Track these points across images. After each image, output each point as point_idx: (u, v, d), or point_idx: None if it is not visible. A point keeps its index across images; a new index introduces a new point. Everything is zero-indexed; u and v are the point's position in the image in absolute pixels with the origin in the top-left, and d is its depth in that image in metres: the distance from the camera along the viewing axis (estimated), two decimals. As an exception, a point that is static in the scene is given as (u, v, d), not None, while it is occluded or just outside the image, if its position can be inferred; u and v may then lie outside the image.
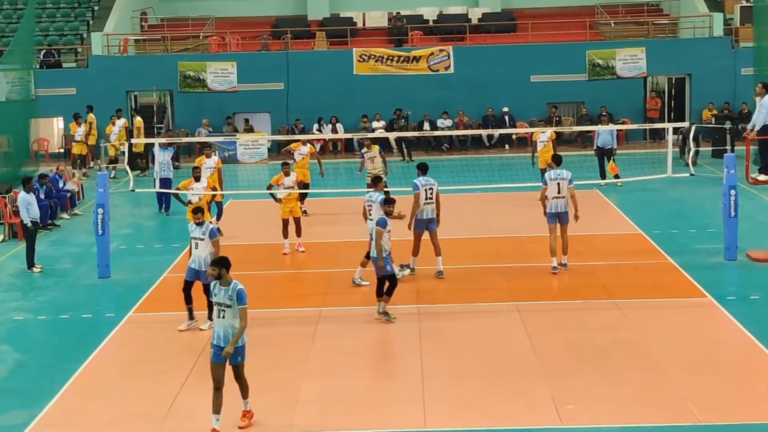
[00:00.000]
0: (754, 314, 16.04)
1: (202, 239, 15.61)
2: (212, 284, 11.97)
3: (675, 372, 13.51)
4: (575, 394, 12.80)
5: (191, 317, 15.90)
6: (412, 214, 18.18)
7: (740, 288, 17.78)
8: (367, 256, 17.44)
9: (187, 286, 15.79)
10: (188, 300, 15.83)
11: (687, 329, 15.51)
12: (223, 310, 11.82)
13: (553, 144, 25.59)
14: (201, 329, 15.63)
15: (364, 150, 24.17)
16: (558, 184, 18.65)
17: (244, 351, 11.99)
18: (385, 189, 20.04)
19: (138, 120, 33.45)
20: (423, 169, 18.80)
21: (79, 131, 31.92)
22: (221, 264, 11.91)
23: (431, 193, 18.36)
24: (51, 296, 18.50)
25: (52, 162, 31.58)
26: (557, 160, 19.24)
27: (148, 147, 30.11)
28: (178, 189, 20.38)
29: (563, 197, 18.69)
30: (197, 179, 20.08)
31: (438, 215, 18.37)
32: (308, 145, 24.62)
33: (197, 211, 15.92)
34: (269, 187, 20.92)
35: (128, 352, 15.26)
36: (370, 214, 17.85)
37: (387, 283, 16.00)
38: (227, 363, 11.86)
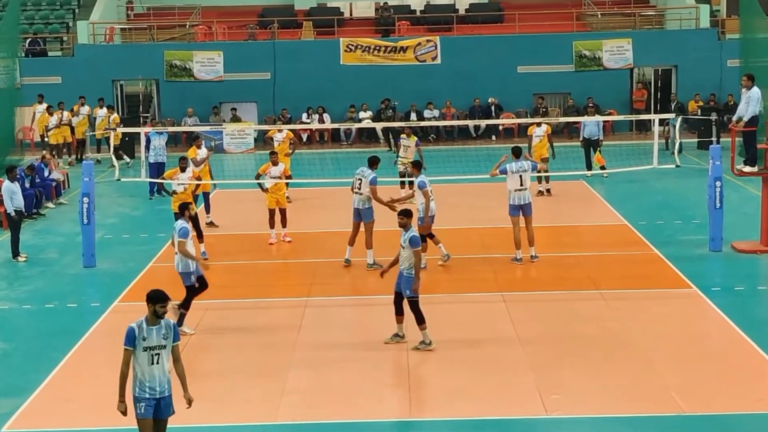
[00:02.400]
0: (739, 305, 16.11)
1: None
2: (137, 328, 9.96)
3: (660, 362, 13.56)
4: (561, 385, 12.83)
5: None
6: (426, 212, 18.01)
7: (725, 279, 17.85)
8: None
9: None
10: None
11: (672, 320, 15.57)
12: (158, 354, 9.89)
13: (549, 139, 25.36)
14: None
15: (402, 136, 24.46)
16: (520, 176, 18.64)
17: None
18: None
19: (116, 117, 33.24)
20: (417, 166, 18.74)
21: (53, 120, 31.60)
22: (150, 300, 10.06)
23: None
24: (36, 285, 18.44)
25: (38, 151, 31.43)
26: (517, 153, 19.09)
27: (125, 141, 30.26)
28: (163, 179, 20.31)
29: (525, 189, 18.70)
30: (183, 169, 20.02)
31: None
32: (285, 131, 24.68)
33: (183, 207, 15.69)
34: (257, 177, 20.90)
35: (113, 341, 15.07)
36: (358, 189, 18.25)
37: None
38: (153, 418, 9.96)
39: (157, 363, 9.91)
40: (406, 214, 14.56)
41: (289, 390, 12.91)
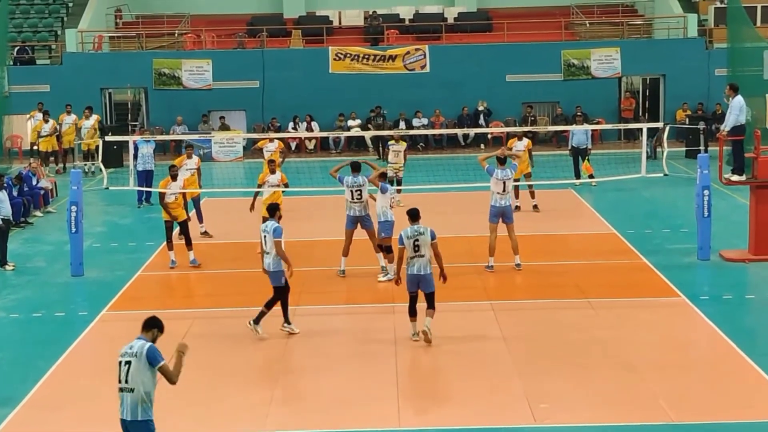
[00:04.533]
0: (727, 314, 16.15)
1: None
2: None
3: (648, 371, 13.58)
4: (549, 393, 12.84)
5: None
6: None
7: (713, 288, 17.89)
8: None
9: None
10: None
11: (660, 328, 15.59)
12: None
13: (529, 154, 24.58)
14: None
15: (392, 142, 24.37)
16: (504, 183, 18.74)
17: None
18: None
19: (97, 117, 33.24)
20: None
21: (46, 128, 31.67)
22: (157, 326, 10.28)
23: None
24: (24, 294, 18.38)
25: (26, 160, 31.34)
26: (502, 161, 19.20)
27: (113, 149, 30.32)
28: (158, 189, 20.20)
29: (507, 194, 18.83)
30: (174, 178, 19.96)
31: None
32: (276, 141, 24.60)
33: (273, 209, 15.67)
34: (258, 187, 20.85)
35: (101, 350, 15.15)
36: (353, 198, 18.38)
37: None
38: None
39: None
40: (408, 213, 15.08)
41: (278, 398, 12.90)
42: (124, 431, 9.88)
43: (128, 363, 9.78)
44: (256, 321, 15.30)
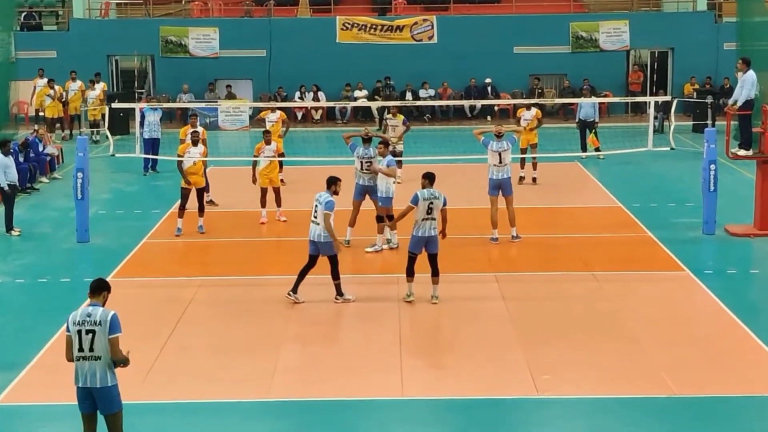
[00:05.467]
0: (731, 288, 16.17)
1: None
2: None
3: (651, 344, 13.61)
4: (552, 365, 12.88)
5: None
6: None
7: (718, 262, 17.89)
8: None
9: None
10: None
11: (664, 302, 15.61)
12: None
13: (539, 123, 24.39)
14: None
15: (388, 116, 24.21)
16: (499, 154, 18.73)
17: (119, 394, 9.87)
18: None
19: (103, 85, 33.20)
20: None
21: (51, 94, 31.68)
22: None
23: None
24: (29, 260, 18.44)
25: (32, 126, 31.33)
26: (499, 135, 19.08)
27: (120, 116, 30.25)
28: (178, 155, 20.13)
29: (505, 165, 18.82)
30: (195, 143, 19.91)
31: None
32: (278, 112, 24.47)
33: (331, 181, 15.68)
34: (255, 158, 20.84)
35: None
36: (362, 169, 18.44)
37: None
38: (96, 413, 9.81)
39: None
40: (425, 176, 15.47)
41: (282, 367, 12.94)
42: (86, 399, 9.70)
43: (91, 332, 9.60)
44: (339, 293, 15.47)
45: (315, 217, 15.40)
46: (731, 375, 12.63)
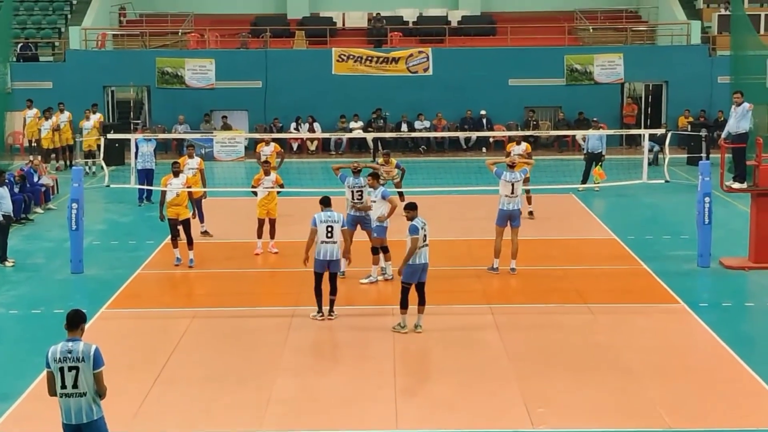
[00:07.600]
0: (726, 321, 16.15)
1: None
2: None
3: (646, 377, 13.58)
4: (547, 398, 12.84)
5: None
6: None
7: (713, 295, 17.88)
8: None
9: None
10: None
11: (659, 335, 15.58)
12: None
13: (528, 158, 23.89)
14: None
15: (381, 162, 23.73)
16: (512, 185, 18.82)
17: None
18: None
19: (100, 116, 33.26)
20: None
21: (46, 125, 31.67)
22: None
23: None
24: (23, 291, 18.39)
25: (27, 156, 31.36)
26: (511, 165, 19.47)
27: (115, 147, 30.23)
28: (160, 187, 20.17)
29: (516, 197, 18.92)
30: (176, 175, 19.95)
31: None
32: (272, 144, 24.60)
33: None
34: (253, 188, 20.87)
35: (100, 347, 15.13)
36: (353, 199, 18.53)
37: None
38: None
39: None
40: (411, 207, 15.47)
41: (275, 398, 12.89)
42: None
43: (74, 368, 9.47)
44: (331, 310, 16.11)
45: (329, 237, 15.94)
46: (726, 408, 12.59)
